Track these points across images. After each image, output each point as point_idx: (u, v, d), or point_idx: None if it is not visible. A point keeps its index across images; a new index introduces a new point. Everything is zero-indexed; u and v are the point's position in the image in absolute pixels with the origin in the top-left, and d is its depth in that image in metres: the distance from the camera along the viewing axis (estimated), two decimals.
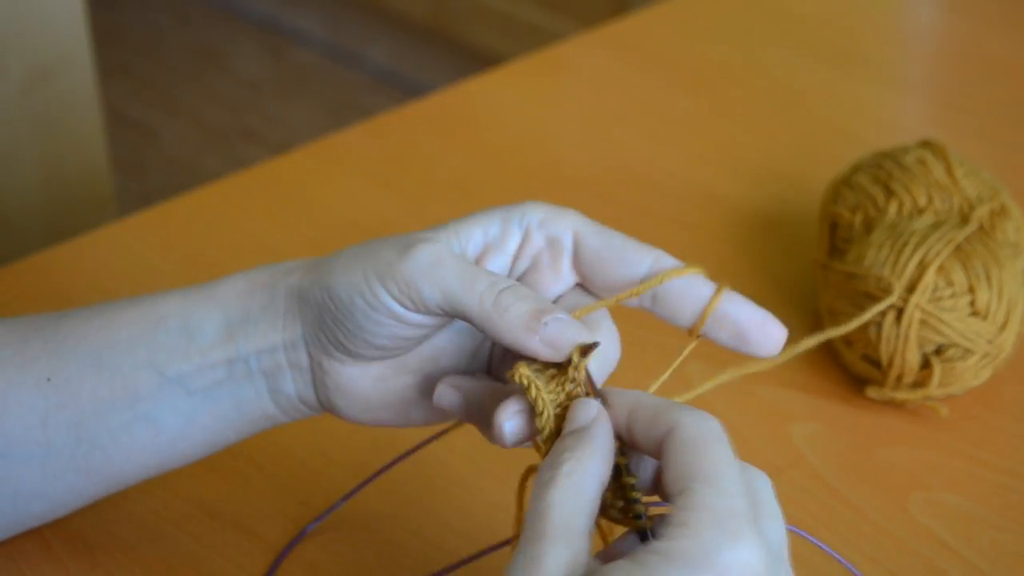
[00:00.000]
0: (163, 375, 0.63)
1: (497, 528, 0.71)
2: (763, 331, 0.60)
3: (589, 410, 0.56)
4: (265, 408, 0.65)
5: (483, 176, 0.99)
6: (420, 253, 0.59)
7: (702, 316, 0.60)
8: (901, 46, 1.20)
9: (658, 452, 0.54)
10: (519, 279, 0.62)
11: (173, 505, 0.72)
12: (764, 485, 0.54)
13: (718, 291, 0.60)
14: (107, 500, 0.71)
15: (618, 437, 0.56)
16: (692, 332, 0.60)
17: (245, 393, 0.64)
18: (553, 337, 0.57)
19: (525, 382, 0.57)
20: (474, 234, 0.61)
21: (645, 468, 0.57)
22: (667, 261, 0.61)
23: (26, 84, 1.28)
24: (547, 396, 0.57)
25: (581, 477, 0.53)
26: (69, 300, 0.86)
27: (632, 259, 0.61)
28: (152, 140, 2.53)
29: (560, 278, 0.62)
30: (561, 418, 0.56)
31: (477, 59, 2.40)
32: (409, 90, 2.55)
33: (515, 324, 0.57)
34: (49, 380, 0.64)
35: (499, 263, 0.62)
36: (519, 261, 0.62)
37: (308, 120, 2.56)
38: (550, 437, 0.57)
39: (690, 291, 0.60)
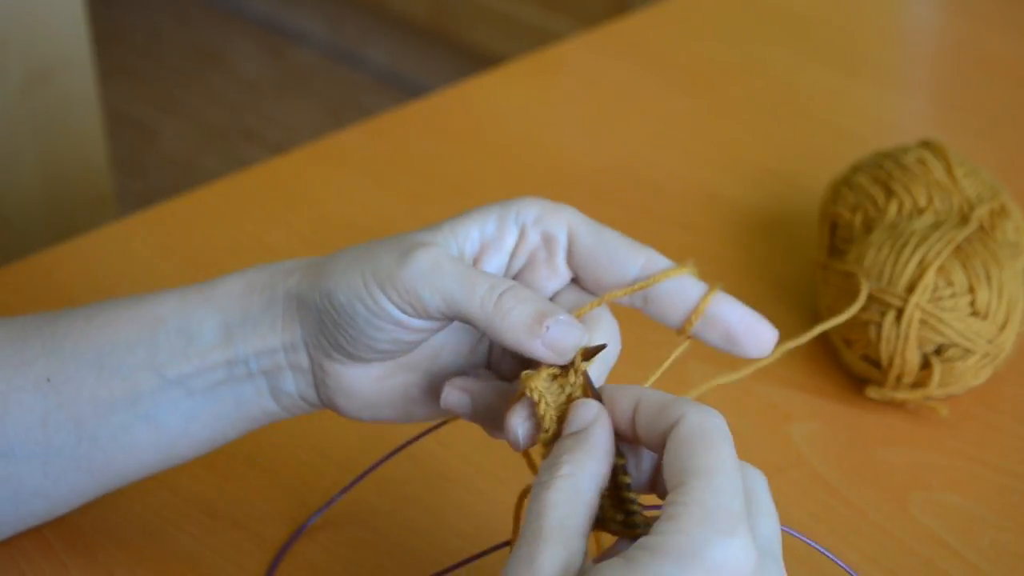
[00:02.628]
0: (163, 376, 0.63)
1: (496, 527, 0.71)
2: (753, 333, 0.60)
3: (588, 411, 0.56)
4: (266, 406, 0.65)
5: (483, 176, 0.99)
6: (418, 259, 0.59)
7: (690, 318, 0.60)
8: (901, 46, 1.20)
9: (661, 446, 0.54)
10: (516, 276, 0.62)
11: (173, 505, 0.72)
12: (759, 482, 0.54)
13: (708, 293, 0.60)
14: (107, 499, 0.71)
15: (618, 435, 0.56)
16: (681, 332, 0.61)
17: (246, 392, 0.64)
18: (555, 340, 0.57)
19: (529, 390, 0.57)
20: (471, 233, 0.61)
21: (643, 465, 0.57)
22: (659, 262, 0.61)
23: (26, 84, 1.28)
24: (549, 398, 0.57)
25: (579, 479, 0.53)
26: (69, 300, 0.86)
27: (624, 259, 0.61)
28: (152, 140, 2.53)
29: (556, 274, 0.62)
30: (562, 420, 0.56)
31: (477, 59, 2.40)
32: (409, 90, 2.55)
33: (517, 327, 0.57)
34: (49, 380, 0.64)
35: (496, 261, 0.62)
36: (516, 258, 0.62)
37: (308, 120, 2.56)
38: (552, 439, 0.57)
39: (680, 292, 0.60)
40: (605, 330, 0.60)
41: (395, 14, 2.63)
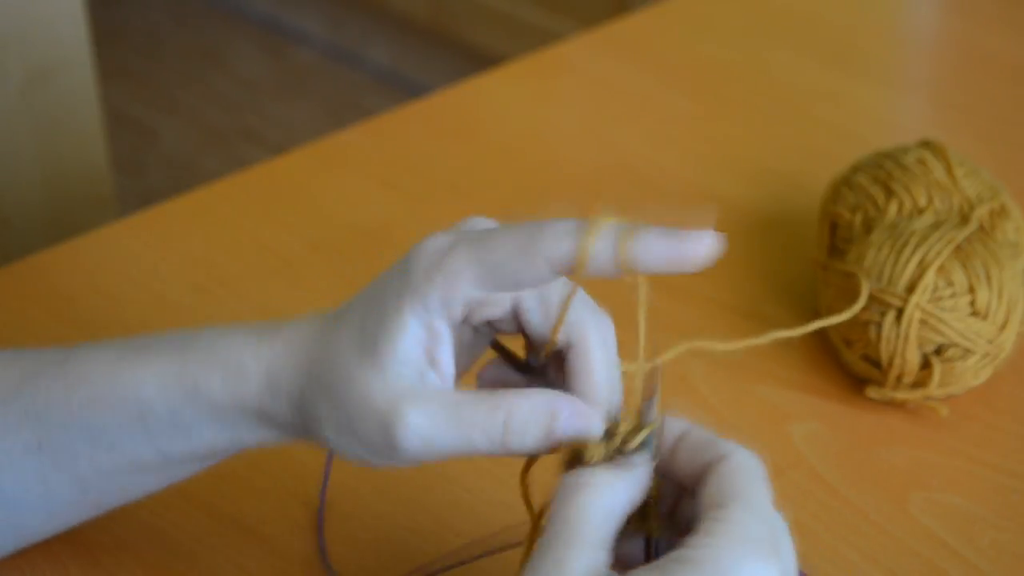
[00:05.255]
0: (166, 455, 0.63)
1: (495, 526, 0.71)
2: (683, 258, 0.56)
3: (639, 458, 0.56)
4: (279, 440, 0.65)
5: (483, 176, 0.99)
6: (407, 441, 0.57)
7: (623, 274, 0.57)
8: (901, 46, 1.20)
9: (696, 477, 0.55)
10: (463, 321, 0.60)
11: (173, 505, 0.72)
12: (785, 531, 0.55)
13: (621, 244, 0.56)
14: None
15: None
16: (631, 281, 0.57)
17: (254, 443, 0.64)
18: (573, 438, 0.57)
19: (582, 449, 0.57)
20: (410, 351, 0.58)
21: (662, 502, 0.57)
22: (563, 240, 0.57)
23: (26, 84, 1.28)
24: (598, 454, 0.57)
25: (615, 491, 0.54)
26: (69, 300, 0.86)
27: (533, 264, 0.57)
28: (152, 140, 2.53)
29: (498, 306, 0.59)
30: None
31: (477, 59, 2.40)
32: (409, 90, 2.55)
33: (533, 451, 0.58)
34: (40, 447, 0.63)
35: (444, 351, 0.58)
36: (454, 329, 0.59)
37: (308, 120, 2.56)
38: None
39: (601, 254, 0.57)
40: (591, 329, 0.59)
41: (395, 14, 2.63)
